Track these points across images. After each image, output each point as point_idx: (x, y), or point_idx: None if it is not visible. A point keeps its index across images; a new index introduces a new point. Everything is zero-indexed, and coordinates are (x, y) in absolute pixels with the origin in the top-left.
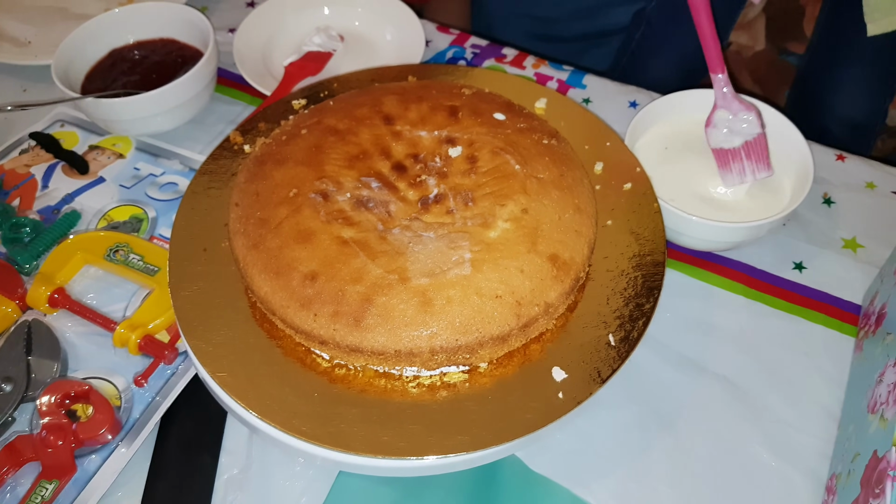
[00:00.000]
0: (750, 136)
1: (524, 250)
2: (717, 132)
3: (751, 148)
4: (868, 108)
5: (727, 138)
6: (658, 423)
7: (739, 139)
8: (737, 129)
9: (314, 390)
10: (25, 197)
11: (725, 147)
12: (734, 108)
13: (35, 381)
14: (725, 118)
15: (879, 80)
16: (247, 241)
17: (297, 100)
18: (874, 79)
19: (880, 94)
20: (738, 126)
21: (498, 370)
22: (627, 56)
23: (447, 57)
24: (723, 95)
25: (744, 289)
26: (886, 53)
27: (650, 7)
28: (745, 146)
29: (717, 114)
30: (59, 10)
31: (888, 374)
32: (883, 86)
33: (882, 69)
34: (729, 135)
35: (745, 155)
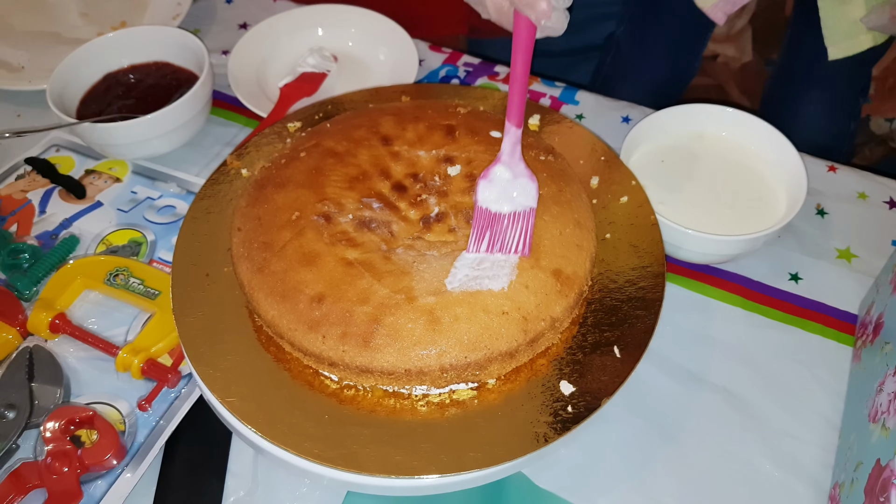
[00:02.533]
0: (521, 206)
1: (528, 266)
2: (489, 189)
3: (516, 222)
4: (831, 131)
5: (497, 200)
6: (660, 436)
7: (509, 206)
8: (511, 194)
9: (324, 412)
10: (23, 223)
11: (492, 209)
12: (517, 170)
13: (38, 407)
14: (504, 177)
15: (842, 103)
16: (251, 266)
17: (292, 123)
18: (836, 102)
19: (844, 117)
20: (512, 191)
21: (506, 386)
22: (601, 79)
23: (440, 75)
24: (511, 151)
25: (741, 301)
26: (848, 77)
27: (619, 31)
28: (512, 217)
29: (497, 169)
30: (51, 34)
31: (888, 383)
32: (847, 108)
33: (844, 92)
34: (501, 197)
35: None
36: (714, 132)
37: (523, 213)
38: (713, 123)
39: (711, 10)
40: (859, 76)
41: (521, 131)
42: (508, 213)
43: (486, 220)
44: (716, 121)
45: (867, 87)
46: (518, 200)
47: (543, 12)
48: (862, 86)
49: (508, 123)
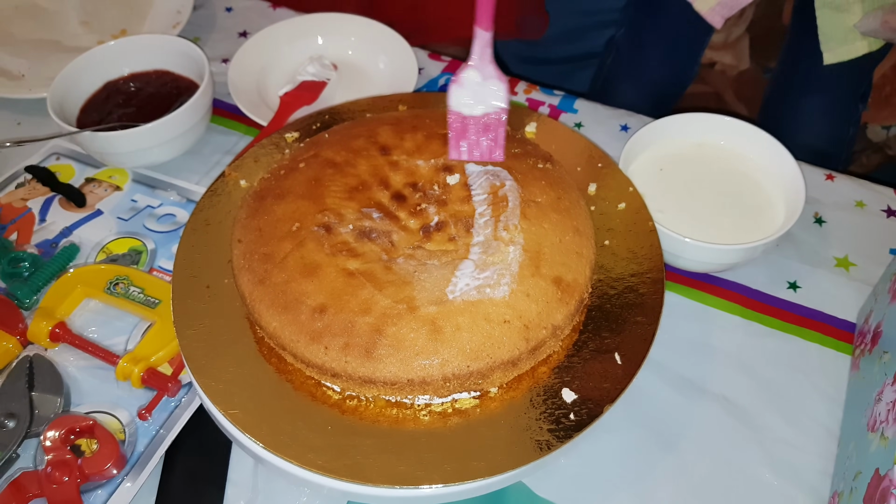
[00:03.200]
0: (493, 108)
1: (528, 274)
2: (461, 92)
3: (489, 123)
4: (830, 136)
5: (469, 102)
6: (660, 445)
7: (482, 108)
8: (482, 96)
9: (327, 423)
10: (23, 231)
11: (465, 112)
12: (487, 72)
13: (38, 416)
14: (475, 79)
15: (840, 108)
16: (252, 277)
17: (290, 133)
18: (834, 107)
19: (842, 122)
20: (484, 93)
21: (508, 394)
22: (601, 82)
23: (440, 84)
24: (480, 54)
25: (740, 309)
26: (845, 82)
27: (619, 34)
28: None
29: (468, 73)
30: (52, 43)
31: (887, 392)
32: (845, 114)
33: (842, 98)
34: (473, 99)
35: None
36: (713, 141)
37: (496, 115)
38: (712, 132)
39: (709, 13)
40: (858, 82)
41: (490, 34)
42: (481, 115)
43: (461, 123)
44: (714, 130)
45: (867, 92)
46: (489, 102)
47: None
48: (862, 91)
49: (477, 28)
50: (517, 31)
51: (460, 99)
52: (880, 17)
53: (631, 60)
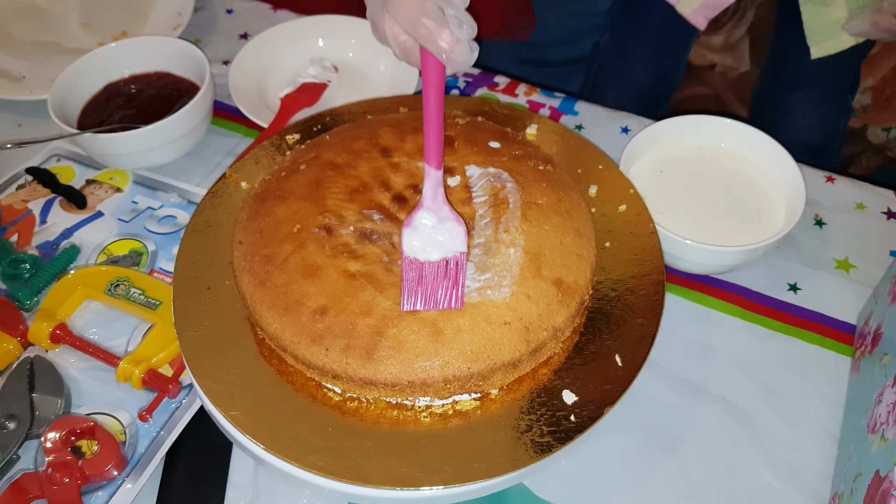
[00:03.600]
0: (451, 252)
1: (529, 276)
2: (415, 237)
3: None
4: (822, 130)
5: (424, 248)
6: (661, 447)
7: (439, 253)
8: (438, 240)
9: (328, 425)
10: (24, 232)
11: (421, 258)
12: (442, 214)
13: (39, 418)
14: (429, 222)
15: (830, 101)
16: (253, 279)
17: (291, 135)
18: (824, 101)
19: (833, 115)
20: (439, 237)
21: (509, 396)
22: (589, 87)
23: None
24: (433, 195)
25: (740, 311)
26: (833, 75)
27: (604, 39)
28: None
29: (420, 215)
30: (52, 44)
31: (887, 394)
32: (835, 106)
33: (833, 91)
34: (428, 244)
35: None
36: (713, 143)
37: (454, 259)
38: (712, 134)
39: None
40: (846, 74)
41: (441, 173)
42: (438, 261)
43: (416, 271)
44: (715, 132)
45: (856, 84)
46: (446, 246)
47: (447, 46)
48: (850, 83)
49: (427, 166)
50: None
51: (414, 244)
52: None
53: (617, 64)
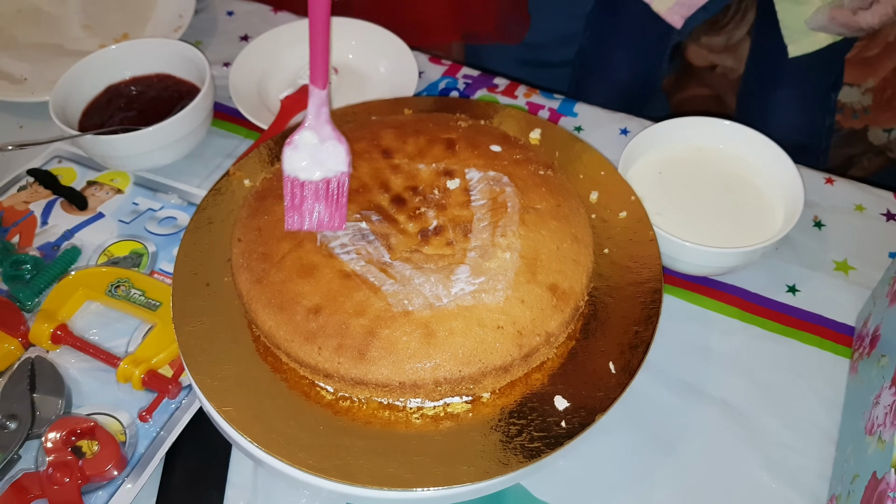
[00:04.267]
0: (332, 171)
1: (524, 280)
2: (296, 156)
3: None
4: (806, 128)
5: (306, 168)
6: (659, 448)
7: (320, 172)
8: (320, 159)
9: (319, 423)
10: (25, 234)
11: (301, 177)
12: (324, 133)
13: (40, 418)
14: (311, 142)
15: (813, 99)
16: (250, 276)
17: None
18: (807, 98)
19: (817, 113)
20: (321, 156)
21: (500, 400)
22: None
23: (440, 88)
24: (316, 114)
25: (739, 312)
26: (815, 73)
27: (585, 38)
28: (325, 185)
29: (303, 135)
30: (54, 46)
31: (884, 395)
32: (819, 104)
33: (815, 88)
34: (310, 164)
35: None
36: (712, 144)
37: (335, 178)
38: (711, 136)
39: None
40: (828, 72)
41: (325, 92)
42: (319, 181)
43: (298, 189)
44: (713, 133)
45: (839, 81)
46: (328, 165)
47: None
48: (833, 81)
49: (311, 86)
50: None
51: (296, 163)
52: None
53: (598, 63)
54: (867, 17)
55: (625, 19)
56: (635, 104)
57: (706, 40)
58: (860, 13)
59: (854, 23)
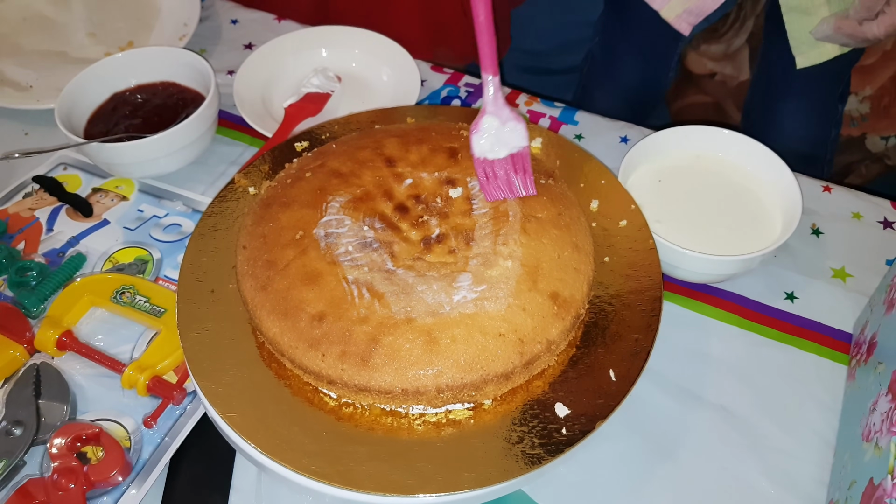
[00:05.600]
0: (515, 147)
1: (525, 288)
2: (483, 140)
3: (516, 161)
4: (812, 139)
5: (492, 147)
6: (658, 454)
7: (505, 150)
8: (503, 139)
9: (322, 429)
10: (30, 240)
11: (490, 157)
12: (504, 115)
13: (45, 424)
14: (493, 125)
15: (820, 110)
16: (255, 283)
17: (300, 142)
18: (813, 110)
19: (824, 124)
20: (504, 136)
21: (502, 406)
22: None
23: (442, 96)
24: (493, 100)
25: (738, 319)
26: (822, 84)
27: (593, 44)
28: (511, 159)
29: (486, 120)
30: (59, 54)
31: (881, 402)
32: (825, 116)
33: (821, 100)
34: (495, 144)
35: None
36: (711, 153)
37: (519, 153)
38: (710, 144)
39: (676, 21)
40: (835, 83)
41: (498, 79)
42: (506, 157)
43: (489, 168)
44: (712, 142)
45: (846, 92)
46: (511, 143)
47: None
48: (840, 92)
49: (485, 74)
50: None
51: (483, 146)
52: (833, 23)
53: (606, 69)
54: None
55: (634, 26)
56: (640, 111)
57: (706, 48)
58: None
59: (860, 33)
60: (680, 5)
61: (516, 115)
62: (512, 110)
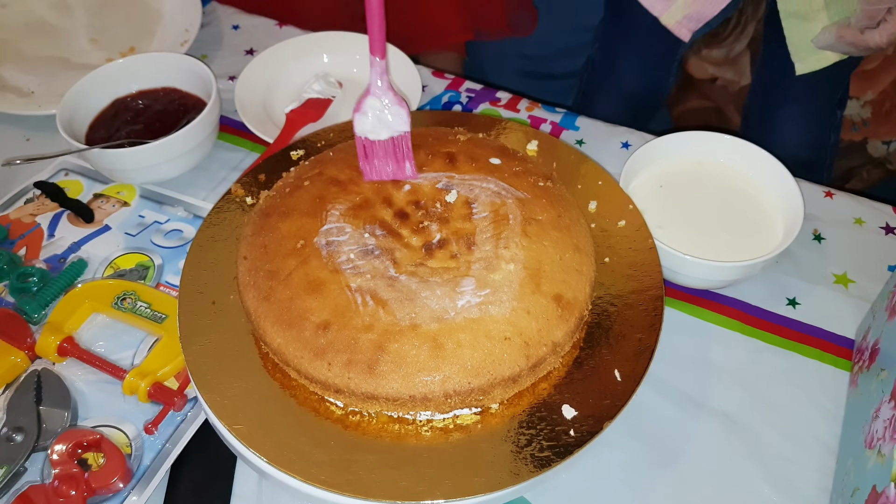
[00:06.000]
0: (396, 131)
1: (529, 291)
2: (364, 119)
3: (396, 144)
4: (811, 145)
5: (374, 128)
6: (660, 461)
7: (386, 132)
8: (385, 121)
9: (330, 438)
10: (32, 246)
11: (371, 137)
12: (388, 99)
13: (46, 430)
14: (376, 106)
15: (819, 115)
16: (257, 294)
17: (296, 150)
18: (812, 116)
19: (822, 129)
20: (386, 118)
21: (509, 410)
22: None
23: (443, 101)
24: (379, 82)
25: (740, 325)
26: (821, 90)
27: (593, 50)
28: (392, 142)
29: (368, 101)
30: (61, 60)
31: (884, 409)
32: (824, 121)
33: (820, 105)
34: (376, 125)
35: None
36: (712, 159)
37: (400, 136)
38: (711, 150)
39: (676, 27)
40: (834, 89)
41: (385, 62)
42: (386, 140)
43: (369, 148)
44: (714, 148)
45: (845, 98)
46: (393, 125)
47: None
48: (839, 98)
49: (372, 56)
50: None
51: (365, 126)
52: (835, 32)
53: (606, 75)
54: (875, 37)
55: (634, 31)
56: (641, 116)
57: (707, 53)
58: (868, 32)
59: (862, 42)
60: (680, 11)
61: (399, 100)
62: (396, 95)
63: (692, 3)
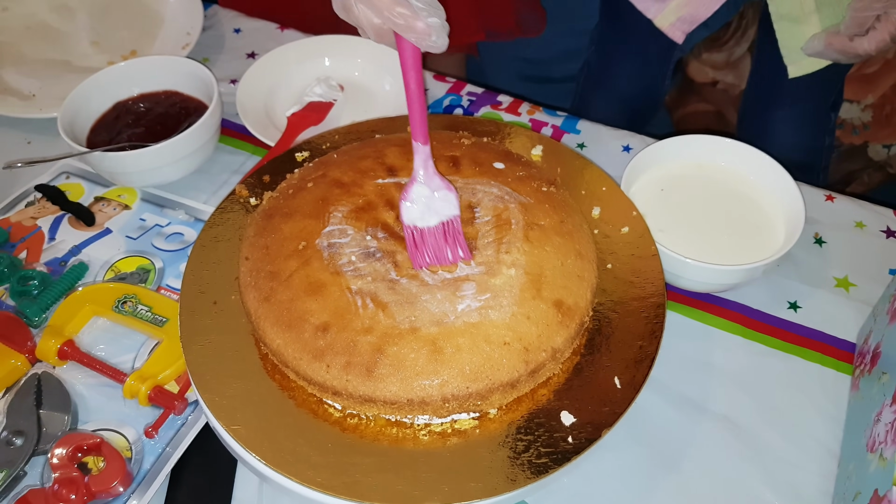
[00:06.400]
0: (446, 216)
1: (529, 297)
2: (412, 208)
3: (447, 230)
4: (805, 147)
5: (422, 216)
6: (662, 464)
7: (436, 218)
8: (434, 207)
9: (328, 441)
10: (32, 249)
11: (419, 225)
12: (434, 184)
13: (46, 434)
14: (424, 194)
15: (813, 118)
16: (258, 295)
17: (301, 152)
18: (807, 118)
19: (817, 132)
20: (435, 204)
21: (507, 415)
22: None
23: (444, 105)
24: (424, 168)
25: (741, 329)
26: (815, 92)
27: (590, 53)
28: (442, 227)
29: (415, 188)
30: (62, 63)
31: (885, 413)
32: (818, 124)
33: (814, 108)
34: (425, 212)
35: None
36: (713, 162)
37: (449, 221)
38: (712, 153)
39: (669, 29)
40: (828, 92)
41: (428, 147)
42: (436, 226)
43: (419, 237)
44: (715, 151)
45: (839, 101)
46: (442, 211)
47: (423, 34)
48: (833, 101)
49: (415, 143)
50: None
51: (412, 214)
52: (824, 40)
53: (602, 77)
54: (864, 44)
55: (629, 34)
56: (639, 119)
57: (707, 56)
58: (857, 39)
59: (851, 49)
60: (673, 14)
61: (447, 185)
62: (442, 179)
63: (685, 5)
